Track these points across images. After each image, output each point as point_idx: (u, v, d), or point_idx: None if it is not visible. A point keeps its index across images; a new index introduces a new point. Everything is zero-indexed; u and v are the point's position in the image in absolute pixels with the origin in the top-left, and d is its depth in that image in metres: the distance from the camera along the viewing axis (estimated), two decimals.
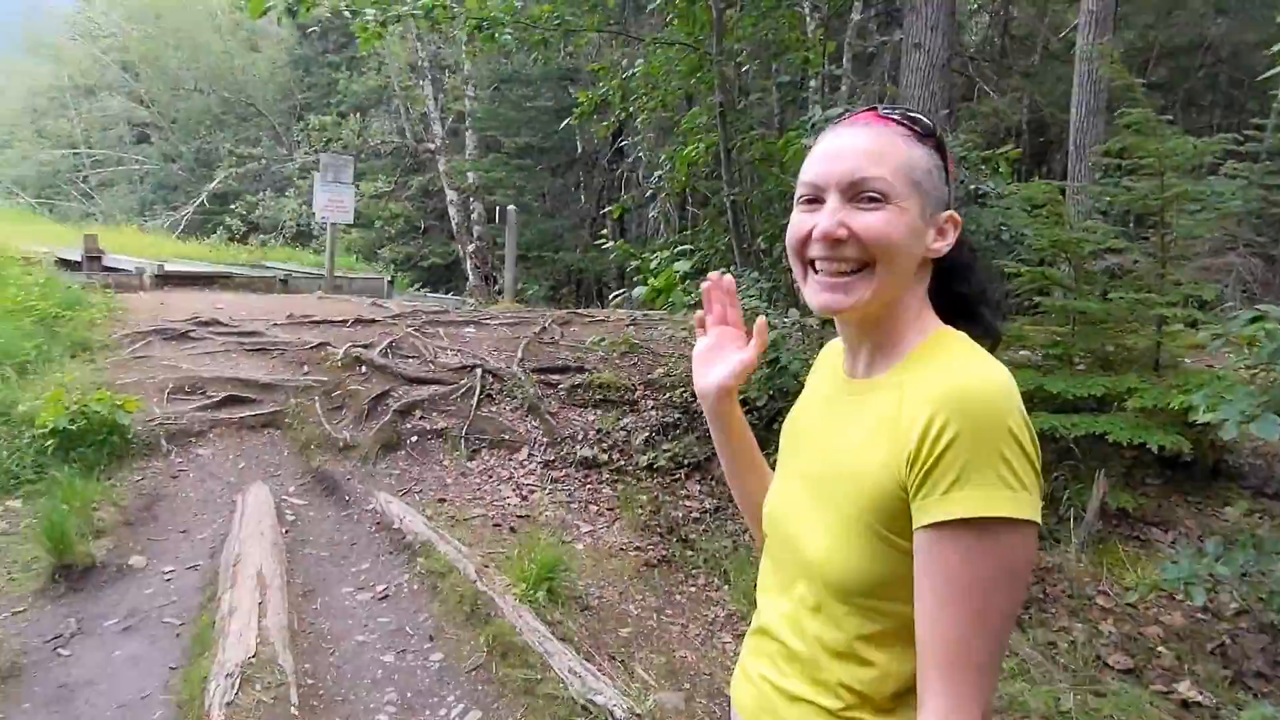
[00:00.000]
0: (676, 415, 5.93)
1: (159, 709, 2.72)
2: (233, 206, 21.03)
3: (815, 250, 0.99)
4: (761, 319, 1.15)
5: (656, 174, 9.11)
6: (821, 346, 1.26)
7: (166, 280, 11.31)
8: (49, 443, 4.86)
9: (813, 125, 5.87)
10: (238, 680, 2.57)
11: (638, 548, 4.39)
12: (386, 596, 3.50)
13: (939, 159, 1.01)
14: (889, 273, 0.96)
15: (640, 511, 4.74)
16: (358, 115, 20.85)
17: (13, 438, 5.12)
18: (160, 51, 25.89)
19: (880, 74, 13.05)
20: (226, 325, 7.70)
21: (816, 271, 1.00)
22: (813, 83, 8.85)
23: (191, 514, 4.33)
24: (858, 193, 0.96)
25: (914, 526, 0.89)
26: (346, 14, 6.05)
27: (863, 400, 1.02)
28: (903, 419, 0.92)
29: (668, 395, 6.26)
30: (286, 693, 2.63)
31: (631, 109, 7.97)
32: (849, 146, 0.98)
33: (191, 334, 7.37)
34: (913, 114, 1.02)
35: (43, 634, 3.14)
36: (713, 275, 1.24)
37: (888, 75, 12.14)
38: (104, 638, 3.14)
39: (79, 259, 11.78)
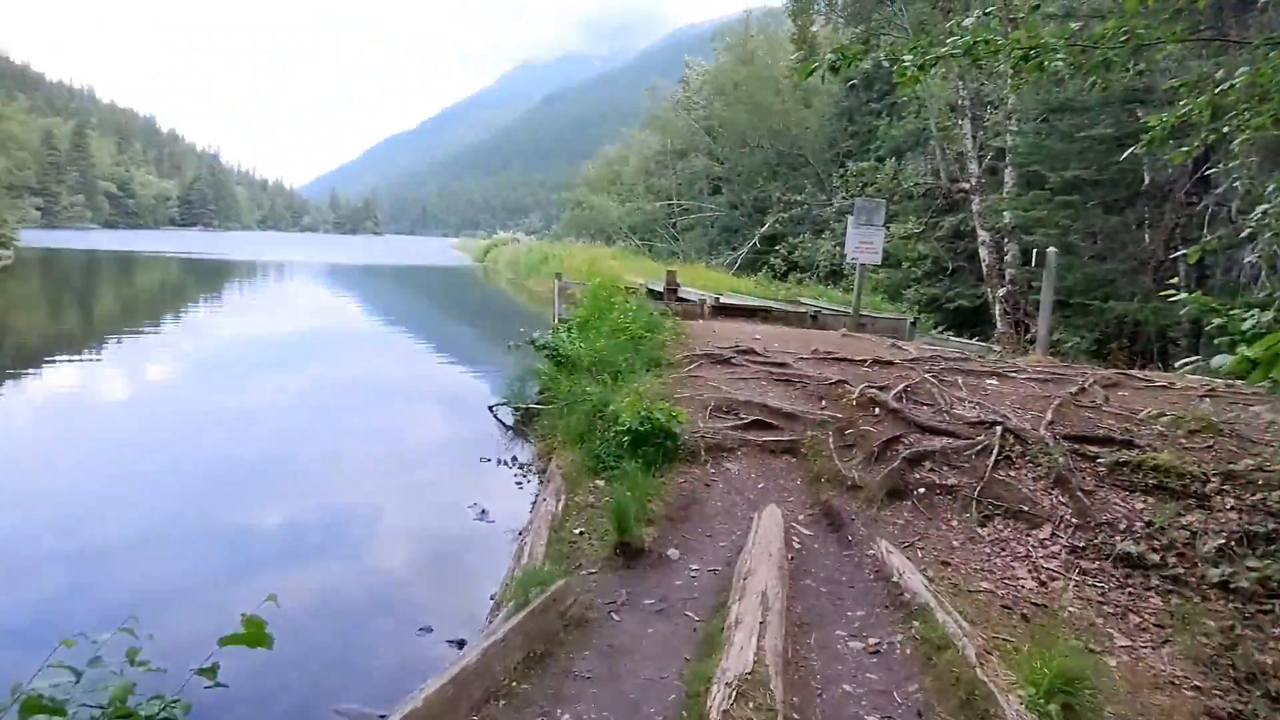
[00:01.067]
0: (1271, 524, 4.48)
1: (672, 693, 3.14)
2: (777, 247, 23.53)
3: None
4: None
5: (1260, 208, 7.11)
6: None
7: (720, 311, 13.24)
8: (625, 439, 6.09)
9: None
10: (734, 692, 2.80)
11: (1196, 687, 3.43)
12: (878, 652, 3.43)
13: None
14: None
15: (1205, 641, 3.70)
16: (894, 159, 21.32)
17: (604, 430, 6.58)
18: (734, 116, 30.64)
19: None
20: (761, 355, 8.60)
21: None
22: None
23: (717, 521, 4.93)
24: None
25: None
26: (885, 63, 6.19)
27: None
28: None
29: (1258, 495, 4.77)
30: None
31: (1226, 129, 6.37)
32: None
33: (733, 360, 8.44)
34: None
35: (604, 596, 3.93)
36: None
37: None
38: (642, 614, 3.78)
39: (661, 290, 14.59)
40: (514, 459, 7.66)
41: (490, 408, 9.36)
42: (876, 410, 6.43)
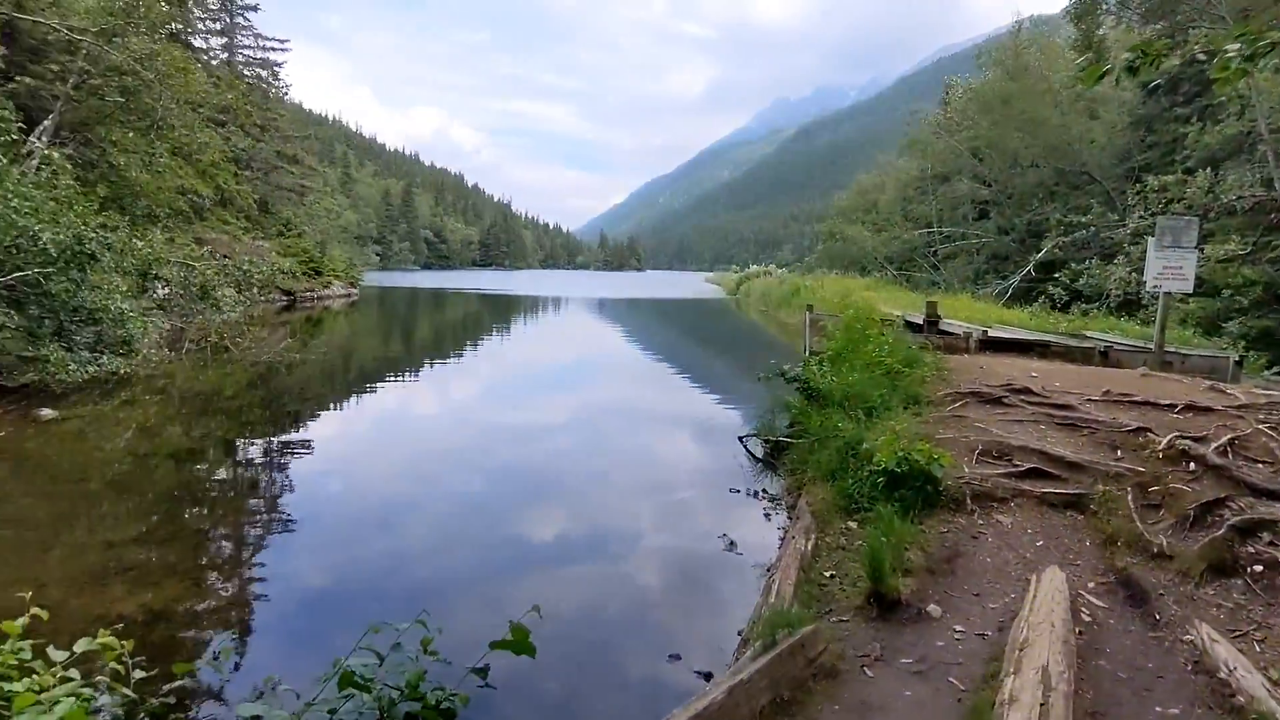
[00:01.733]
0: None
1: None
2: (1057, 275, 21.06)
3: None
4: None
5: None
6: None
7: (988, 345, 12.13)
8: (880, 479, 5.77)
9: None
10: None
11: None
12: None
13: None
14: None
15: None
16: (1208, 170, 18.10)
17: (857, 468, 6.30)
18: (1004, 134, 28.13)
19: None
20: (1038, 395, 7.71)
21: None
22: None
23: (985, 579, 4.45)
24: None
25: None
26: (1201, 57, 5.26)
27: None
28: None
29: None
30: None
31: None
32: None
33: (1004, 400, 7.65)
34: None
35: (855, 648, 3.71)
36: None
37: None
38: (898, 673, 3.51)
39: (920, 322, 13.74)
40: (763, 491, 7.60)
41: (740, 438, 9.41)
42: (1191, 465, 5.45)
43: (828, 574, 4.70)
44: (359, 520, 6.95)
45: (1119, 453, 5.97)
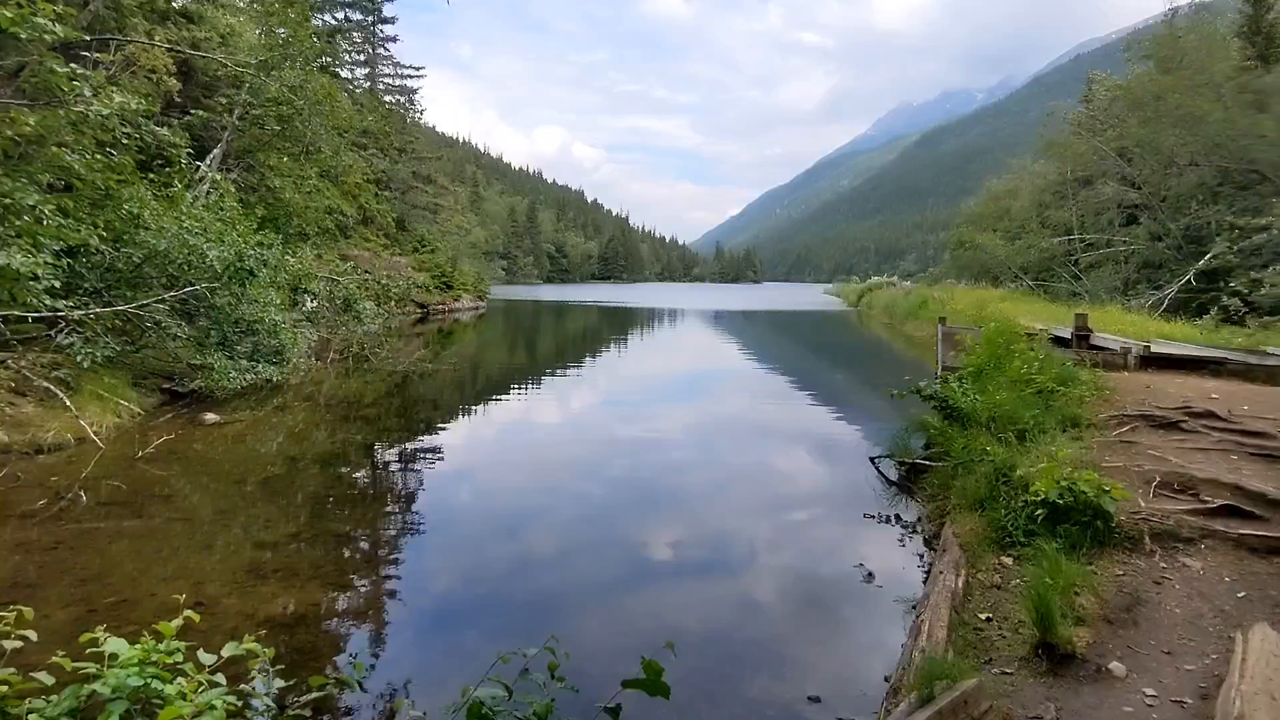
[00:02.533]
0: None
1: None
2: (1230, 284, 18.96)
3: None
4: None
5: None
6: None
7: (1150, 362, 10.99)
8: (1039, 511, 5.23)
9: None
10: None
11: None
12: None
13: None
14: None
15: None
16: None
17: (1010, 497, 5.76)
18: (1156, 132, 25.70)
19: None
20: (1224, 420, 6.84)
21: None
22: None
23: (1176, 634, 3.88)
24: None
25: None
26: None
27: None
28: None
29: None
30: None
31: None
32: None
33: (1182, 425, 6.84)
34: None
35: (1024, 707, 3.30)
36: None
37: None
38: None
39: (1068, 337, 12.67)
40: (897, 517, 7.13)
41: (872, 459, 8.91)
42: None
43: (984, 617, 4.27)
44: (486, 527, 7.05)
45: None
